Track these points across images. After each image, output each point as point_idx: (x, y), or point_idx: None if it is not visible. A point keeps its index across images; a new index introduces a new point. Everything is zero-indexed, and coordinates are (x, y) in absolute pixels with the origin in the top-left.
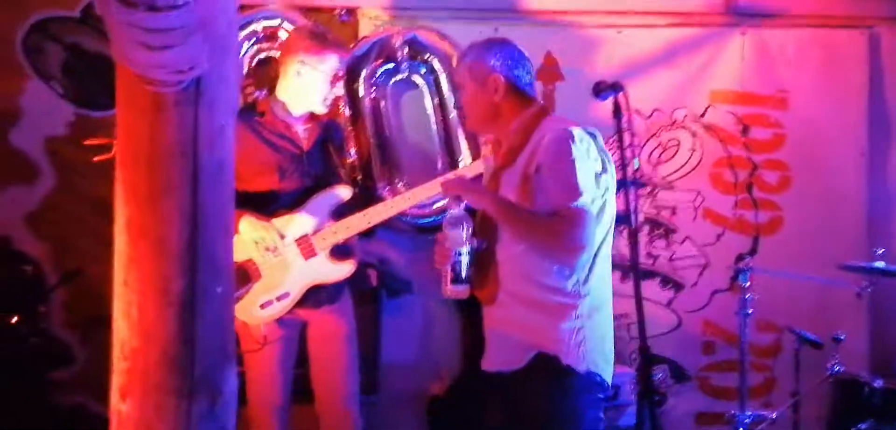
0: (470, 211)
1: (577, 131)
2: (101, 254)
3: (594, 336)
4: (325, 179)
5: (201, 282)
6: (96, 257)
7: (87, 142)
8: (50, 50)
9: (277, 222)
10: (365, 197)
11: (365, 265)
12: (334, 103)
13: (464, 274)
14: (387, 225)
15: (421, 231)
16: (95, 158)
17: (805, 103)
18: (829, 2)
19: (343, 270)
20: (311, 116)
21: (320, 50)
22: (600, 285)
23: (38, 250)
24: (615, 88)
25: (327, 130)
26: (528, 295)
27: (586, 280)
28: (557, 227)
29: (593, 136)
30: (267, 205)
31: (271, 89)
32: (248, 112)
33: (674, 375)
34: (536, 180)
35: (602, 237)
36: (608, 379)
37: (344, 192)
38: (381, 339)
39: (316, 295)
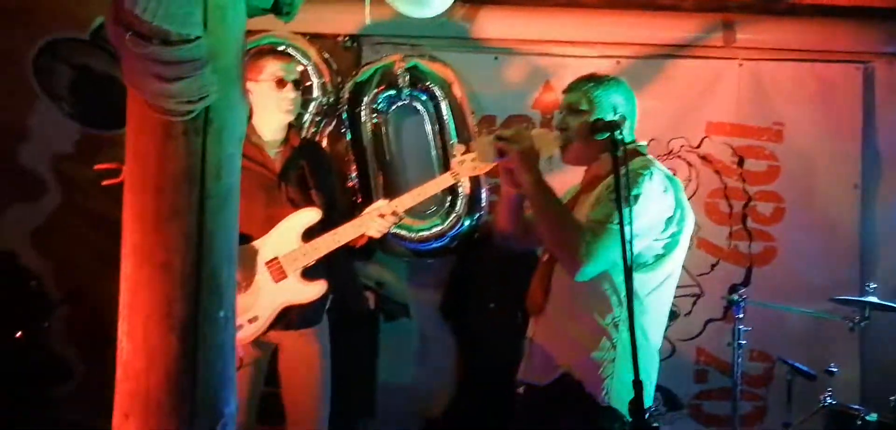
0: None
1: (656, 171)
2: (104, 272)
3: (624, 374)
4: (299, 203)
5: (205, 307)
6: (99, 276)
7: (97, 166)
8: (59, 70)
9: (247, 246)
10: (334, 209)
11: (363, 288)
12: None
13: None
14: (384, 249)
15: (419, 256)
16: (104, 182)
17: (800, 136)
18: (825, 36)
19: (314, 291)
20: (285, 140)
21: (255, 63)
22: (646, 328)
23: (43, 266)
24: (613, 126)
25: (302, 152)
26: (571, 314)
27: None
28: (575, 231)
29: (674, 182)
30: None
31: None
32: None
33: (667, 402)
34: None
35: (657, 284)
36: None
37: (313, 214)
38: (378, 361)
39: (288, 317)
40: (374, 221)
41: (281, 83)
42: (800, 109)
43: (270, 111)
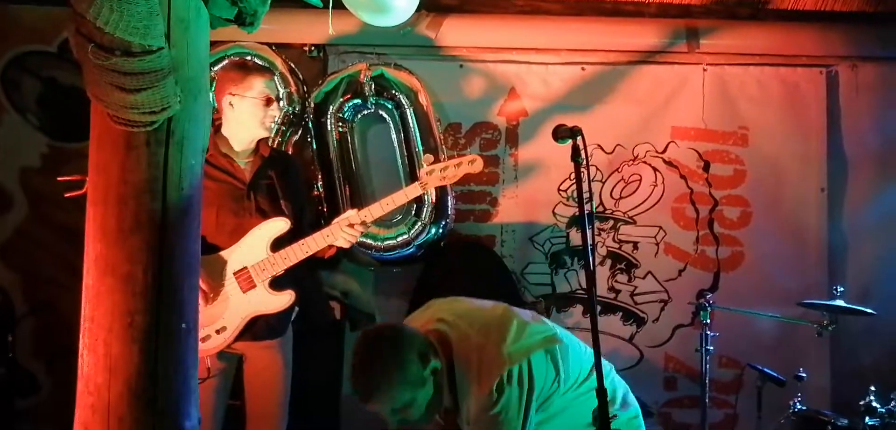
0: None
1: (496, 386)
2: (71, 284)
3: None
4: (269, 213)
5: (166, 318)
6: (66, 287)
7: (60, 178)
8: (26, 83)
9: (215, 256)
10: (303, 219)
11: (328, 298)
12: (283, 135)
13: None
14: (350, 258)
15: (384, 265)
16: (67, 194)
17: (765, 140)
18: (788, 41)
19: (282, 301)
20: (254, 151)
21: (242, 78)
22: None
23: (8, 279)
24: (574, 132)
25: (272, 162)
26: None
27: None
28: None
29: (522, 371)
30: (208, 239)
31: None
32: None
33: None
34: None
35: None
36: None
37: (282, 224)
38: (343, 372)
39: (255, 328)
40: (342, 231)
41: (269, 102)
42: (765, 113)
43: (249, 126)
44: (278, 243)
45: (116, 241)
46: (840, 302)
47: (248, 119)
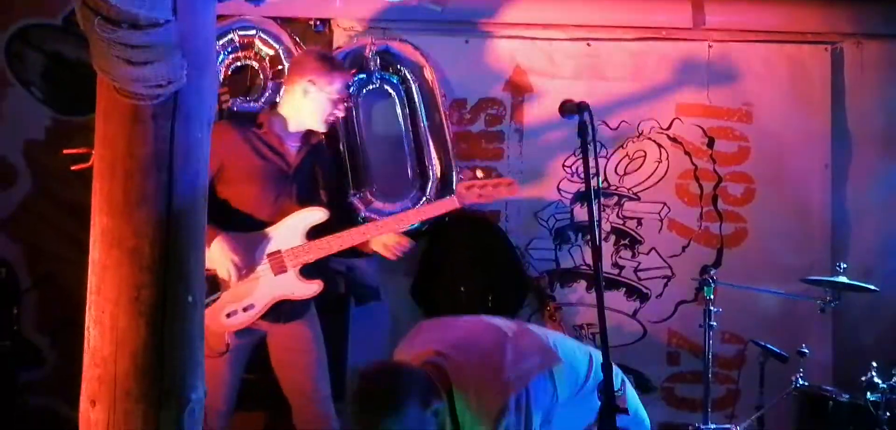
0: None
1: (497, 415)
2: (75, 257)
3: None
4: (308, 200)
5: (172, 291)
6: (70, 261)
7: (66, 151)
8: (30, 56)
9: (252, 235)
10: (337, 210)
11: (333, 272)
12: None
13: None
14: None
15: None
16: (73, 167)
17: (770, 117)
18: (793, 17)
19: (310, 289)
20: (304, 137)
21: (329, 72)
22: None
23: (13, 252)
24: (580, 108)
25: (316, 152)
26: None
27: None
28: None
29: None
30: (246, 214)
31: (247, 97)
32: (247, 121)
33: (638, 385)
34: None
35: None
36: None
37: (320, 215)
38: (348, 345)
39: (280, 309)
40: (379, 240)
41: (337, 103)
42: (769, 90)
43: (314, 117)
44: (313, 232)
45: (123, 214)
46: (843, 279)
47: (316, 110)
